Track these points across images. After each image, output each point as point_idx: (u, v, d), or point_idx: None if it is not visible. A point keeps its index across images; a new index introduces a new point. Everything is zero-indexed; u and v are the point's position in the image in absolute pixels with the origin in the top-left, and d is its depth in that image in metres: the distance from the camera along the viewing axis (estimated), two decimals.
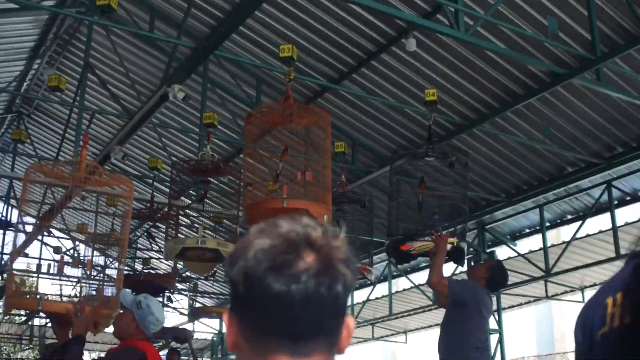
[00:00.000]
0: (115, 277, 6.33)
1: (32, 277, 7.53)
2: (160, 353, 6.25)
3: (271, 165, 6.50)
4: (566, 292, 14.28)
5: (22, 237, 6.54)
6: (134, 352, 4.43)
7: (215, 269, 13.61)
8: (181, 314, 19.47)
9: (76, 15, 9.84)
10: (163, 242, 12.18)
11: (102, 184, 6.00)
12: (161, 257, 12.72)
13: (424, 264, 14.24)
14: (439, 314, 10.52)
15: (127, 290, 5.31)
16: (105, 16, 7.31)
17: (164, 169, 11.85)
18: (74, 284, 7.80)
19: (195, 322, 18.68)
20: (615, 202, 11.35)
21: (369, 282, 10.02)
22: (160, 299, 17.91)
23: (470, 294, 5.83)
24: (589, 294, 14.51)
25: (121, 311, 4.66)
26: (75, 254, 16.62)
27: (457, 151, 7.88)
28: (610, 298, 1.43)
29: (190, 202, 10.14)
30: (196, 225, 10.82)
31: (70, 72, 12.80)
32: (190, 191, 11.32)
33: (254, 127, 6.52)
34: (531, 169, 11.20)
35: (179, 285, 16.34)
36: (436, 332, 6.27)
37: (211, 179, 8.07)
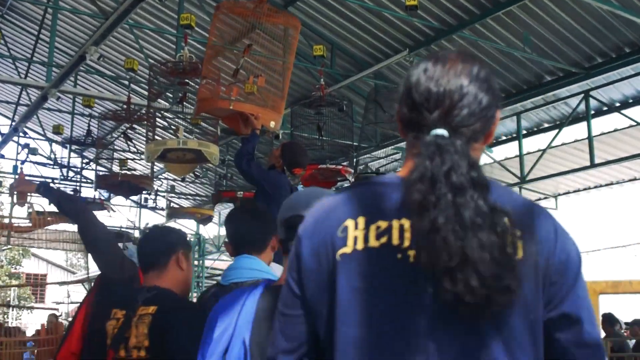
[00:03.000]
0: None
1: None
2: None
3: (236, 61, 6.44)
4: (540, 199, 14.48)
5: None
6: None
7: (196, 170, 13.69)
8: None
9: None
10: (140, 144, 12.18)
11: None
12: (137, 158, 12.73)
13: None
14: None
15: None
16: None
17: (141, 71, 11.75)
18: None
19: (174, 222, 18.90)
20: (592, 112, 11.40)
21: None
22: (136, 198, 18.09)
23: None
24: (563, 201, 14.78)
25: None
26: (52, 156, 16.61)
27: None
28: (351, 221, 1.57)
29: (167, 104, 10.06)
30: (172, 127, 10.79)
31: None
32: (168, 93, 11.24)
33: (226, 25, 6.44)
34: (509, 77, 11.18)
35: (157, 187, 16.47)
36: None
37: (189, 81, 7.99)
